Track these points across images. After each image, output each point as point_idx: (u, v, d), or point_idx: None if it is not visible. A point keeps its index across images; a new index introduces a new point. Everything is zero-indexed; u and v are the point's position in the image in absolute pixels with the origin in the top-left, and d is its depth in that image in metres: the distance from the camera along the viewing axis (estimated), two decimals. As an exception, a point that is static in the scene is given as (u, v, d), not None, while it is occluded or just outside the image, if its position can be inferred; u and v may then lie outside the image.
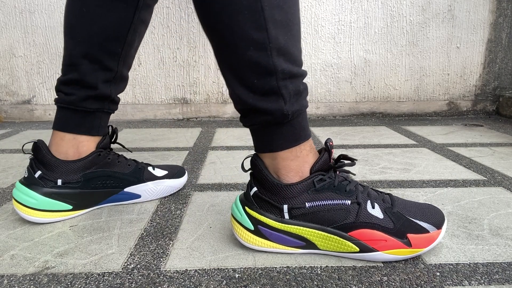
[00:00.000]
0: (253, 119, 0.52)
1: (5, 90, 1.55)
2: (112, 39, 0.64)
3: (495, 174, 0.89)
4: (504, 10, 1.54)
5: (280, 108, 0.50)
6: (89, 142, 0.67)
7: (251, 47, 0.47)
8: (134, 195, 0.72)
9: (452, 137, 1.26)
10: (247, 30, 0.46)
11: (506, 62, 1.60)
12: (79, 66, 0.64)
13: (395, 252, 0.52)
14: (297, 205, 0.53)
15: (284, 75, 0.49)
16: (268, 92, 0.49)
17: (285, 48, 0.48)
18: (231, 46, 0.48)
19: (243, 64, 0.48)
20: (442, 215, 0.57)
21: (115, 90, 0.69)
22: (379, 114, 1.63)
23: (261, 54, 0.47)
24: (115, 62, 0.66)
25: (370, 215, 0.53)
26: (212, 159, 1.02)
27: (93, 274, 0.51)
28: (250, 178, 0.56)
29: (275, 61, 0.48)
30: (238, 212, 0.56)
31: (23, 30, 1.49)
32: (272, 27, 0.47)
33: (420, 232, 0.53)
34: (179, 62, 1.54)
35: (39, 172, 0.64)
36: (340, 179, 0.54)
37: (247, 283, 0.49)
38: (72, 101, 0.65)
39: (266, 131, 0.53)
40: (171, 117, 1.60)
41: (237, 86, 0.50)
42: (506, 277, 0.50)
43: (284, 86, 0.49)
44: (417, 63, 1.58)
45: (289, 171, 0.53)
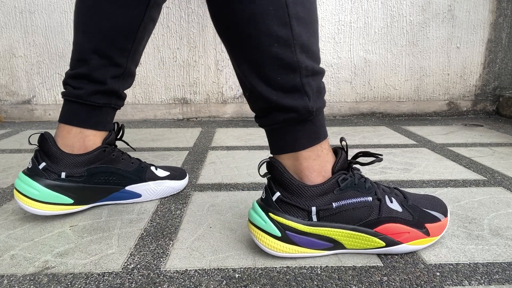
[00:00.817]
0: (276, 118, 0.51)
1: (5, 90, 1.55)
2: (122, 36, 0.65)
3: (495, 174, 0.89)
4: (504, 10, 1.54)
5: (305, 105, 0.50)
6: (95, 137, 0.68)
7: (276, 43, 0.47)
8: (135, 194, 0.72)
9: (452, 137, 1.26)
10: (272, 27, 0.46)
11: (506, 62, 1.60)
12: (89, 61, 0.64)
13: (417, 242, 0.54)
14: (324, 206, 0.52)
15: (307, 72, 0.49)
16: (292, 89, 0.49)
17: (307, 45, 0.48)
18: (255, 44, 0.47)
19: (267, 61, 0.48)
20: (443, 203, 0.61)
21: (123, 86, 0.69)
22: (379, 114, 1.63)
23: (285, 50, 0.47)
24: (124, 59, 0.67)
25: (391, 210, 0.54)
26: (212, 159, 1.03)
27: (93, 274, 0.51)
28: (268, 183, 0.55)
29: (299, 57, 0.48)
30: (261, 220, 0.53)
31: (23, 30, 1.49)
32: (296, 23, 0.47)
33: (435, 221, 0.56)
34: (179, 62, 1.54)
35: (43, 163, 0.64)
36: (358, 176, 0.54)
37: (247, 283, 0.49)
38: (80, 95, 0.65)
39: (288, 130, 0.52)
40: (171, 117, 1.60)
41: (260, 84, 0.50)
42: (506, 277, 0.50)
43: (307, 83, 0.49)
44: (417, 63, 1.58)
45: (312, 171, 0.52)
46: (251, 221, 0.55)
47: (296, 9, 0.46)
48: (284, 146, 0.53)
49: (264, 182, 0.85)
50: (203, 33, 1.51)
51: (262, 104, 0.51)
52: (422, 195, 0.61)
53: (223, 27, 0.50)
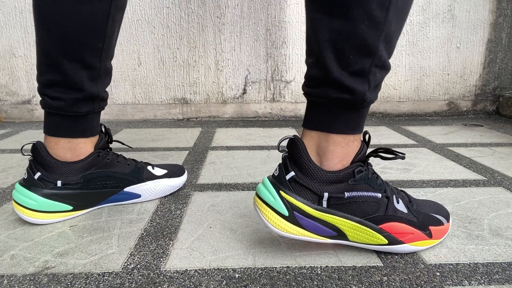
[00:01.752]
0: (328, 93, 0.49)
1: (5, 90, 1.55)
2: (91, 36, 0.60)
3: (495, 174, 0.89)
4: (504, 10, 1.54)
5: (363, 91, 0.48)
6: (85, 144, 0.66)
7: (367, 21, 0.45)
8: (134, 195, 0.72)
9: (452, 137, 1.26)
10: (372, 4, 0.45)
11: (506, 62, 1.60)
12: (59, 67, 0.60)
13: (419, 243, 0.55)
14: (337, 194, 0.51)
15: (379, 62, 0.48)
16: (358, 72, 0.48)
17: (391, 36, 0.48)
18: (347, 14, 0.46)
19: (350, 35, 0.46)
20: (446, 209, 0.61)
21: (102, 87, 0.66)
22: (379, 114, 1.63)
23: (372, 32, 0.46)
24: (97, 59, 0.62)
25: (397, 209, 0.54)
26: (212, 159, 1.02)
27: (93, 274, 0.51)
28: (284, 161, 0.53)
29: (380, 44, 0.47)
30: (270, 196, 0.52)
31: (23, 30, 1.48)
32: (393, 10, 0.46)
33: (438, 224, 0.57)
34: (179, 62, 1.54)
35: (38, 173, 0.63)
36: (372, 171, 0.54)
37: (247, 283, 0.49)
38: (61, 107, 0.62)
39: (333, 110, 0.50)
40: (171, 117, 1.60)
41: (330, 56, 0.48)
42: (506, 277, 0.50)
43: (373, 72, 0.48)
44: (417, 63, 1.58)
45: (335, 157, 0.52)
46: (259, 196, 0.53)
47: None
48: (322, 123, 0.52)
49: (264, 182, 0.85)
50: (203, 33, 1.51)
51: (323, 75, 0.49)
52: (425, 201, 0.61)
53: None
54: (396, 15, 0.47)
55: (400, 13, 0.48)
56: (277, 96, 1.59)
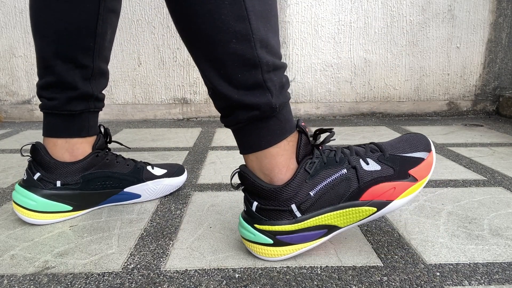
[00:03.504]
0: (239, 117, 0.50)
1: (5, 90, 1.55)
2: (81, 34, 0.62)
3: (495, 174, 0.89)
4: (504, 10, 1.54)
5: (268, 102, 0.48)
6: (83, 144, 0.67)
7: (234, 39, 0.45)
8: (134, 195, 0.72)
9: (452, 137, 1.26)
10: (229, 22, 0.45)
11: (506, 62, 1.60)
12: (53, 68, 0.62)
13: (407, 193, 0.53)
14: (303, 199, 0.51)
15: (268, 67, 0.48)
16: (253, 86, 0.48)
17: (266, 39, 0.47)
18: (212, 41, 0.46)
19: (226, 58, 0.46)
20: (425, 137, 0.58)
21: (97, 87, 0.67)
22: (379, 114, 1.63)
23: (244, 46, 0.46)
24: (89, 58, 0.64)
25: (369, 172, 0.52)
26: (212, 159, 1.03)
27: (93, 274, 0.51)
28: (244, 195, 0.54)
29: (259, 53, 0.46)
30: (250, 233, 0.53)
31: (23, 30, 1.48)
32: (254, 17, 0.45)
33: (418, 163, 0.54)
34: (179, 62, 1.54)
35: (38, 174, 0.64)
36: (326, 153, 0.53)
37: (247, 283, 0.49)
38: (55, 106, 0.63)
39: (253, 128, 0.51)
40: (171, 117, 1.60)
41: (220, 82, 0.48)
42: (506, 277, 0.50)
43: (269, 78, 0.48)
44: (417, 63, 1.58)
45: (281, 168, 0.51)
46: (242, 236, 0.55)
47: (252, 3, 0.45)
48: (252, 145, 0.52)
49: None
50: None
51: (225, 103, 0.50)
52: (400, 138, 0.59)
53: (181, 24, 0.48)
54: (260, 19, 0.46)
55: (264, 16, 0.47)
56: (277, 96, 1.59)
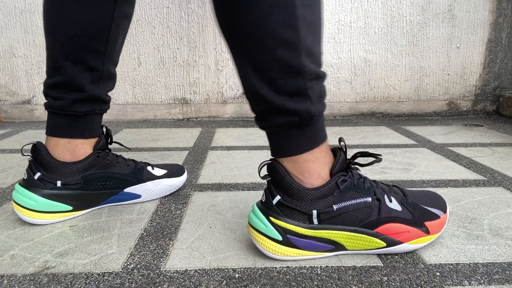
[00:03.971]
0: (277, 121, 0.50)
1: (5, 90, 1.55)
2: (94, 38, 0.62)
3: (495, 174, 0.89)
4: (504, 10, 1.54)
5: (307, 109, 0.49)
6: (84, 145, 0.67)
7: (282, 46, 0.46)
8: (134, 195, 0.72)
9: (452, 137, 1.26)
10: (279, 29, 0.45)
11: (506, 62, 1.60)
12: (63, 69, 0.62)
13: (418, 241, 0.54)
14: (325, 209, 0.51)
15: (311, 75, 0.48)
16: (295, 92, 0.48)
17: (312, 48, 0.48)
18: (260, 46, 0.47)
19: (272, 63, 0.47)
20: (443, 199, 0.61)
21: (104, 90, 0.67)
22: (379, 114, 1.63)
23: (291, 53, 0.46)
24: (100, 61, 0.64)
25: (391, 209, 0.54)
26: (212, 159, 1.02)
27: (93, 274, 0.51)
28: (268, 186, 0.54)
29: (304, 61, 0.47)
30: (262, 224, 0.53)
31: (23, 30, 1.49)
32: (303, 26, 0.46)
33: (434, 218, 0.56)
34: (179, 62, 1.54)
35: (38, 173, 0.63)
36: (357, 177, 0.54)
37: (247, 283, 0.49)
38: (61, 106, 0.64)
39: (289, 134, 0.51)
40: (171, 117, 1.60)
41: (263, 86, 0.49)
42: (506, 277, 0.50)
43: (311, 87, 0.49)
44: (417, 63, 1.58)
45: (311, 174, 0.52)
46: (251, 225, 0.54)
47: (304, 12, 0.46)
48: (285, 149, 0.52)
49: (264, 182, 0.85)
50: (203, 33, 1.51)
51: (264, 107, 0.50)
52: (421, 191, 0.61)
53: (229, 29, 0.49)
54: (309, 28, 0.47)
55: (313, 25, 0.48)
56: (277, 96, 1.59)
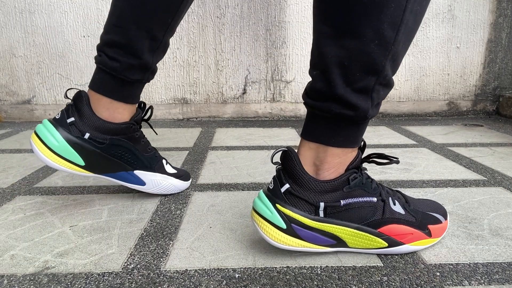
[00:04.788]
0: (331, 108, 0.49)
1: (5, 90, 1.55)
2: (164, 9, 0.63)
3: (495, 174, 0.89)
4: (504, 10, 1.54)
5: (366, 109, 0.49)
6: (124, 110, 0.67)
7: (377, 41, 0.45)
8: (140, 181, 0.72)
9: (452, 137, 1.26)
10: (383, 24, 0.45)
11: (506, 62, 1.60)
12: (127, 31, 0.62)
13: (419, 243, 0.55)
14: (333, 202, 0.52)
15: (384, 80, 0.48)
16: (362, 89, 0.48)
17: (398, 55, 0.48)
18: (357, 32, 0.45)
19: (359, 53, 0.46)
20: (443, 206, 0.62)
21: (156, 59, 0.68)
22: (379, 114, 1.63)
23: (381, 51, 0.46)
24: (162, 32, 0.65)
25: (394, 212, 0.54)
26: (212, 159, 1.02)
27: (93, 274, 0.51)
28: (278, 173, 0.54)
29: (386, 64, 0.47)
30: (267, 210, 0.52)
31: (23, 30, 1.48)
32: (403, 30, 0.46)
33: (436, 222, 0.57)
34: (179, 62, 1.54)
35: (72, 118, 0.63)
36: (366, 176, 0.55)
37: (247, 283, 0.49)
38: (115, 68, 0.64)
39: (334, 124, 0.51)
40: (171, 117, 1.60)
41: (336, 72, 0.47)
42: (506, 277, 0.50)
43: (377, 90, 0.49)
44: (417, 63, 1.58)
45: (331, 167, 0.52)
46: (256, 210, 0.54)
47: (409, 17, 0.45)
48: (322, 136, 0.52)
49: (264, 182, 0.85)
50: (203, 33, 1.51)
51: (326, 89, 0.49)
52: (421, 200, 0.62)
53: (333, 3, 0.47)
54: (405, 35, 0.47)
55: (409, 33, 0.48)
56: (277, 96, 1.59)
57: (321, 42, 0.49)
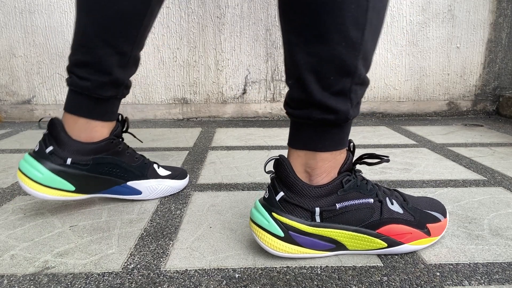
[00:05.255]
0: (312, 114, 0.50)
1: (5, 90, 1.55)
2: (129, 23, 0.62)
3: (495, 174, 0.89)
4: (504, 10, 1.54)
5: (346, 111, 0.49)
6: (102, 128, 0.67)
7: (344, 43, 0.46)
8: (136, 191, 0.72)
9: (452, 137, 1.26)
10: (348, 26, 0.45)
11: (506, 62, 1.60)
12: (93, 49, 0.61)
13: (419, 242, 0.55)
14: (328, 207, 0.52)
15: (359, 79, 0.48)
16: (339, 92, 0.48)
17: (368, 53, 0.48)
18: (324, 37, 0.46)
19: (329, 58, 0.47)
20: (442, 204, 0.61)
21: (128, 74, 0.67)
22: (379, 114, 1.63)
23: (350, 53, 0.46)
24: (130, 46, 0.64)
25: (392, 211, 0.54)
26: (212, 159, 1.02)
27: (93, 274, 0.51)
28: (272, 182, 0.54)
29: (358, 63, 0.47)
30: (264, 219, 0.53)
31: (23, 30, 1.48)
32: (369, 29, 0.46)
33: (435, 221, 0.57)
34: (179, 62, 1.54)
35: (51, 147, 0.63)
36: (360, 178, 0.55)
37: (247, 283, 0.49)
38: (86, 87, 0.63)
39: (318, 130, 0.51)
40: (171, 117, 1.60)
41: (310, 79, 0.48)
42: (506, 277, 0.50)
43: (354, 90, 0.49)
44: (417, 63, 1.58)
45: (323, 172, 0.52)
46: (253, 220, 0.54)
47: (373, 15, 0.46)
48: (308, 143, 0.52)
49: (264, 182, 0.85)
50: (203, 33, 1.51)
51: (304, 97, 0.50)
52: (420, 197, 0.62)
53: (297, 11, 0.47)
54: (371, 33, 0.47)
55: (375, 31, 0.48)
56: (277, 96, 1.59)
57: (291, 51, 0.49)
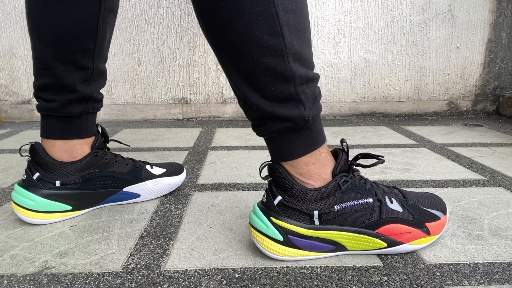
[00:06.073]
0: (271, 127, 0.50)
1: (5, 90, 1.55)
2: (82, 36, 0.61)
3: (495, 174, 0.89)
4: (504, 10, 1.54)
5: (301, 114, 0.49)
6: (81, 145, 0.66)
7: (267, 54, 0.45)
8: (134, 195, 0.72)
9: (452, 137, 1.26)
10: (263, 37, 0.44)
11: (506, 62, 1.60)
12: (52, 70, 0.61)
13: (418, 241, 0.55)
14: (326, 209, 0.52)
15: (301, 80, 0.48)
16: (286, 98, 0.48)
17: (299, 52, 0.47)
18: (246, 55, 0.46)
19: (259, 72, 0.47)
20: (442, 200, 0.61)
21: (96, 88, 0.67)
22: (379, 114, 1.63)
23: (278, 60, 0.46)
24: (89, 59, 0.63)
25: (392, 210, 0.54)
26: (212, 159, 1.02)
27: (93, 274, 0.51)
28: (269, 186, 0.54)
29: (292, 67, 0.47)
30: (263, 224, 0.53)
31: (23, 30, 1.48)
32: (287, 32, 0.45)
33: (435, 219, 0.57)
34: (179, 62, 1.54)
35: (37, 174, 0.63)
36: (358, 178, 0.54)
37: (247, 283, 0.49)
38: (53, 108, 0.63)
39: (285, 139, 0.51)
40: (171, 117, 1.60)
41: (253, 95, 0.48)
42: (506, 277, 0.50)
43: (302, 91, 0.48)
44: (417, 63, 1.58)
45: (312, 175, 0.52)
46: (252, 225, 0.54)
47: (286, 17, 0.45)
48: (283, 154, 0.52)
49: (264, 182, 0.85)
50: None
51: (257, 114, 0.50)
52: (420, 193, 0.61)
53: (213, 38, 0.48)
54: (294, 33, 0.46)
55: (298, 29, 0.46)
56: (277, 96, 1.59)
57: (227, 76, 0.50)
